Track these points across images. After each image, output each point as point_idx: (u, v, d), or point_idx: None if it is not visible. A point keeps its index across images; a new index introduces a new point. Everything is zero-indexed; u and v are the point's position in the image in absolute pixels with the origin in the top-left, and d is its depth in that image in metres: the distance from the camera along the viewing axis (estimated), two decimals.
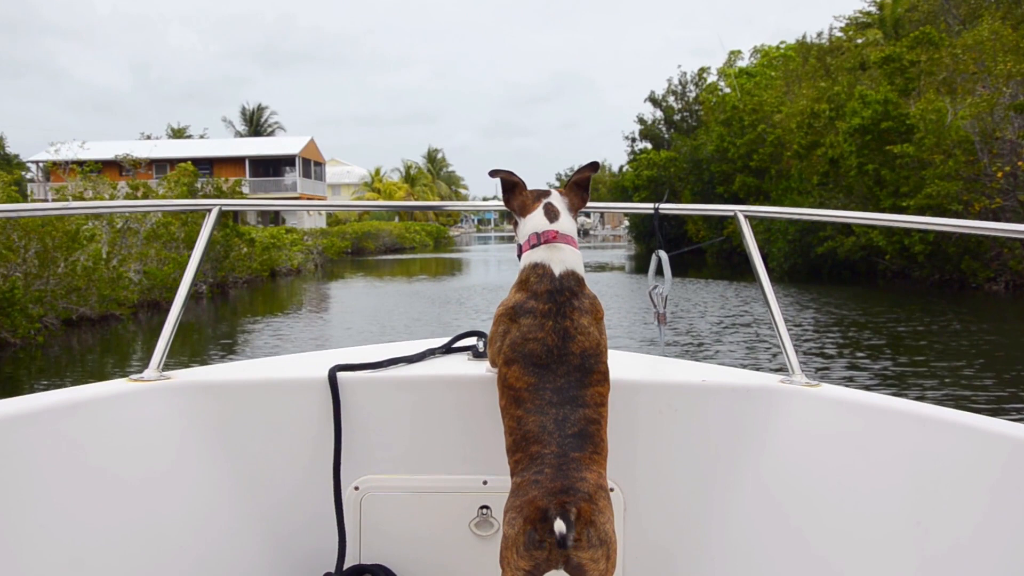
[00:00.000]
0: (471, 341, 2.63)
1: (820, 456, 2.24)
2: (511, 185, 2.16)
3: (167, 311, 2.44)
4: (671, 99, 52.29)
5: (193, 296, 24.75)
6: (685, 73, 53.15)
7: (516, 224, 2.18)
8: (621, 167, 58.06)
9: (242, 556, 2.31)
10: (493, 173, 2.18)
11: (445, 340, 2.67)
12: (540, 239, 2.05)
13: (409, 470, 2.37)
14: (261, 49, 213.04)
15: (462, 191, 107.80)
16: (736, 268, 36.35)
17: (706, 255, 42.40)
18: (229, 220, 25.75)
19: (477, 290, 27.72)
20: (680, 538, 2.36)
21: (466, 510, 2.34)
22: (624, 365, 2.42)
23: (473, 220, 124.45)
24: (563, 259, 2.02)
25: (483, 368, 2.37)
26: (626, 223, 61.98)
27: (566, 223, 2.10)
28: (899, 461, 2.08)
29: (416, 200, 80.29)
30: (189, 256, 2.49)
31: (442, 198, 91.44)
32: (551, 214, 2.10)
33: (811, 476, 2.23)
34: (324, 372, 2.32)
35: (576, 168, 2.24)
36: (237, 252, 27.40)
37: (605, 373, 1.95)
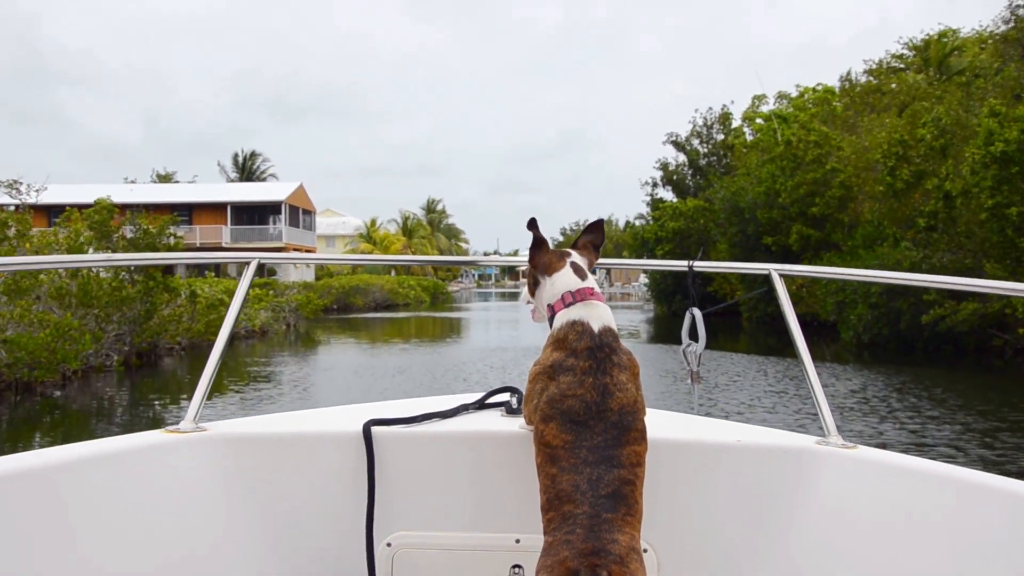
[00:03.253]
0: (504, 397, 2.62)
1: (857, 519, 2.17)
2: (539, 242, 2.18)
3: (42, 393, 1.29)
4: (695, 141, 46.62)
5: (99, 369, 17.56)
6: (711, 109, 47.15)
7: (535, 282, 2.22)
8: (627, 222, 52.33)
9: None
10: (530, 226, 2.16)
11: (479, 395, 2.67)
12: (575, 297, 2.08)
13: (442, 527, 2.35)
14: (270, 102, 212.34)
15: (462, 245, 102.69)
16: (781, 335, 30.48)
17: (742, 319, 36.63)
18: (156, 272, 19.75)
19: (489, 355, 21.92)
20: None
21: (498, 568, 2.32)
22: (659, 424, 2.35)
23: (473, 275, 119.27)
24: (600, 316, 2.04)
25: (516, 425, 2.36)
26: (643, 280, 55.93)
27: (592, 282, 2.14)
28: (939, 527, 2.02)
29: (415, 254, 77.65)
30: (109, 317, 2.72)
31: (441, 251, 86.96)
32: (580, 272, 2.14)
33: (848, 539, 2.16)
34: (358, 426, 2.32)
35: (583, 226, 2.36)
36: (172, 311, 21.42)
37: (642, 431, 1.93)
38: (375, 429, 2.33)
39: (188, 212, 58.51)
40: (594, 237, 2.27)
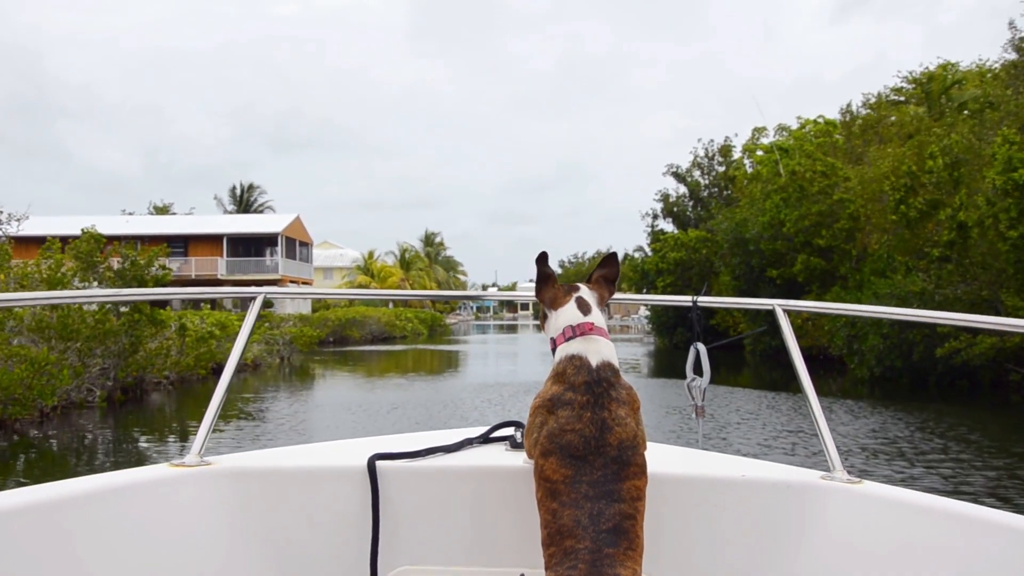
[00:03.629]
0: (509, 431, 2.62)
1: (862, 555, 2.15)
2: (545, 276, 2.20)
3: (18, 431, 1.44)
4: (696, 173, 46.09)
5: (80, 405, 16.92)
6: (712, 141, 46.48)
7: (545, 317, 2.23)
8: (626, 254, 51.54)
9: None
10: (538, 261, 2.21)
11: (483, 429, 2.66)
12: (575, 331, 2.08)
13: (446, 561, 2.33)
14: (270, 135, 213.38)
15: (460, 277, 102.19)
16: (784, 368, 29.79)
17: (746, 352, 35.88)
18: (143, 305, 19.03)
19: (487, 390, 21.17)
20: None
21: None
22: (662, 458, 2.37)
23: (471, 308, 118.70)
24: (599, 350, 2.04)
25: (520, 459, 2.36)
26: (644, 313, 55.24)
27: (597, 316, 2.13)
28: (945, 563, 2.00)
29: (412, 286, 77.50)
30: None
31: (439, 283, 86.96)
32: (583, 307, 2.13)
33: (853, 575, 2.13)
34: (363, 460, 2.31)
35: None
36: (159, 345, 20.66)
37: (643, 465, 1.93)
38: (379, 463, 2.32)
39: (184, 244, 58.07)
40: (608, 271, 2.27)
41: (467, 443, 2.55)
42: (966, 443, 13.48)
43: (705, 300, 2.66)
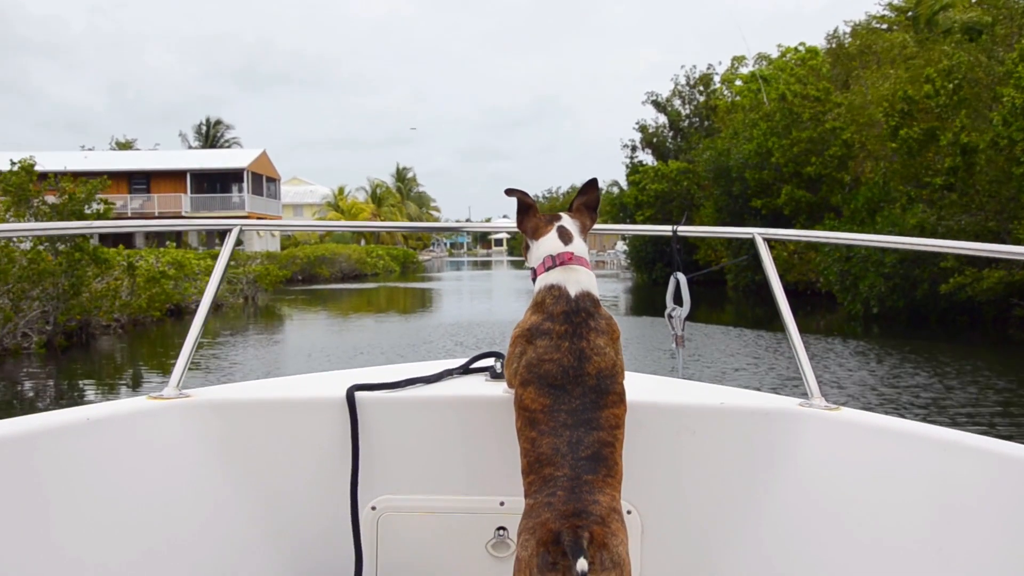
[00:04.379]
0: (489, 362, 2.60)
1: (839, 480, 2.20)
2: (526, 207, 2.18)
3: None
4: (676, 102, 44.29)
5: (14, 352, 15.56)
6: (695, 67, 44.53)
7: (527, 247, 2.21)
8: (608, 186, 50.00)
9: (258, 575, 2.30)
10: (510, 192, 2.20)
11: (463, 361, 2.65)
12: (555, 261, 2.07)
13: (426, 490, 2.36)
14: (240, 70, 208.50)
15: (433, 213, 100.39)
16: (768, 304, 28.70)
17: (728, 288, 34.76)
18: (84, 242, 17.40)
19: (461, 330, 19.83)
20: (698, 561, 2.34)
21: (483, 531, 2.33)
22: (643, 387, 2.42)
23: (445, 244, 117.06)
24: (579, 280, 2.03)
25: (500, 389, 2.35)
26: (621, 248, 53.86)
27: (579, 245, 2.12)
28: (920, 486, 2.04)
29: (384, 220, 75.72)
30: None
31: (411, 219, 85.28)
32: (565, 236, 2.12)
33: (830, 500, 2.20)
34: (342, 392, 2.31)
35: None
36: (106, 285, 19.09)
37: (621, 394, 1.94)
38: (359, 394, 2.31)
39: (146, 180, 56.16)
40: (588, 198, 2.25)
41: (447, 374, 2.54)
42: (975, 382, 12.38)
43: (685, 229, 2.67)
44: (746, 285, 32.41)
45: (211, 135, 72.55)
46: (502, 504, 2.30)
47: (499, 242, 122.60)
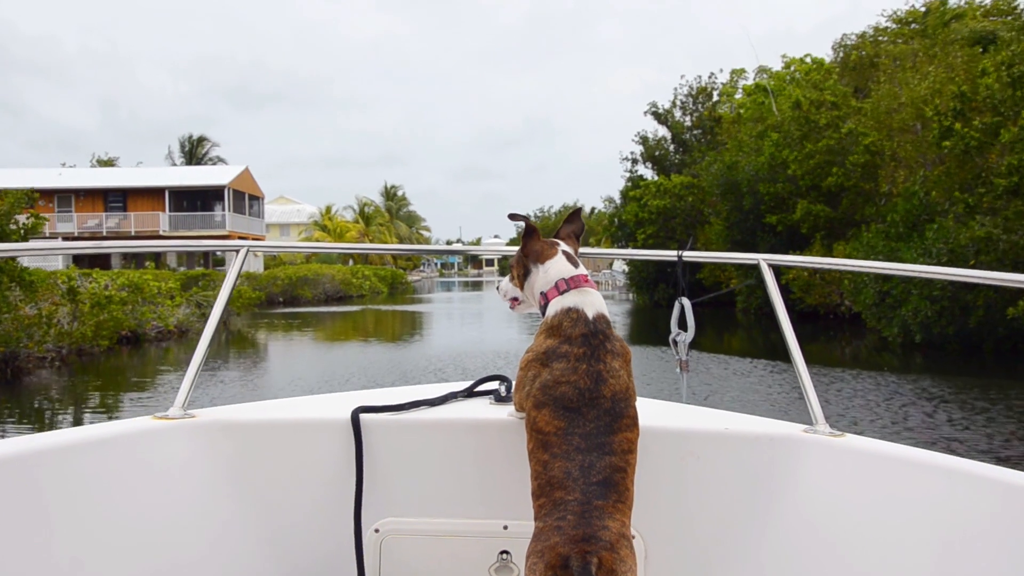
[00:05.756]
0: (493, 385, 2.61)
1: (843, 507, 2.18)
2: (531, 230, 2.17)
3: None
4: (678, 113, 41.93)
5: None
6: (699, 77, 42.22)
7: (526, 271, 2.19)
8: (593, 208, 47.61)
9: None
10: (513, 217, 2.26)
11: (467, 384, 2.66)
12: (569, 284, 2.07)
13: (430, 513, 2.35)
14: (231, 90, 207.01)
15: (424, 233, 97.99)
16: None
17: (737, 310, 32.34)
18: (11, 263, 14.85)
19: (455, 360, 17.30)
20: None
21: (486, 554, 2.33)
22: (646, 412, 2.29)
23: (435, 264, 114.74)
24: (594, 303, 2.04)
25: (505, 412, 2.35)
26: (620, 268, 51.37)
27: (583, 269, 2.14)
28: (925, 514, 2.02)
29: (373, 242, 73.50)
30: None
31: (400, 239, 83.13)
32: (572, 260, 2.14)
33: (834, 527, 2.17)
34: (347, 413, 2.32)
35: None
36: (39, 312, 16.51)
37: (634, 418, 1.93)
38: (364, 416, 2.32)
39: (123, 198, 53.72)
40: (575, 227, 2.29)
41: (451, 397, 2.54)
42: None
43: (691, 254, 2.64)
44: (757, 308, 29.99)
45: (195, 153, 70.29)
46: (506, 528, 2.29)
47: (490, 262, 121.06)
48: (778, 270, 2.55)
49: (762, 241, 28.59)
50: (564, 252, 2.13)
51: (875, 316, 20.07)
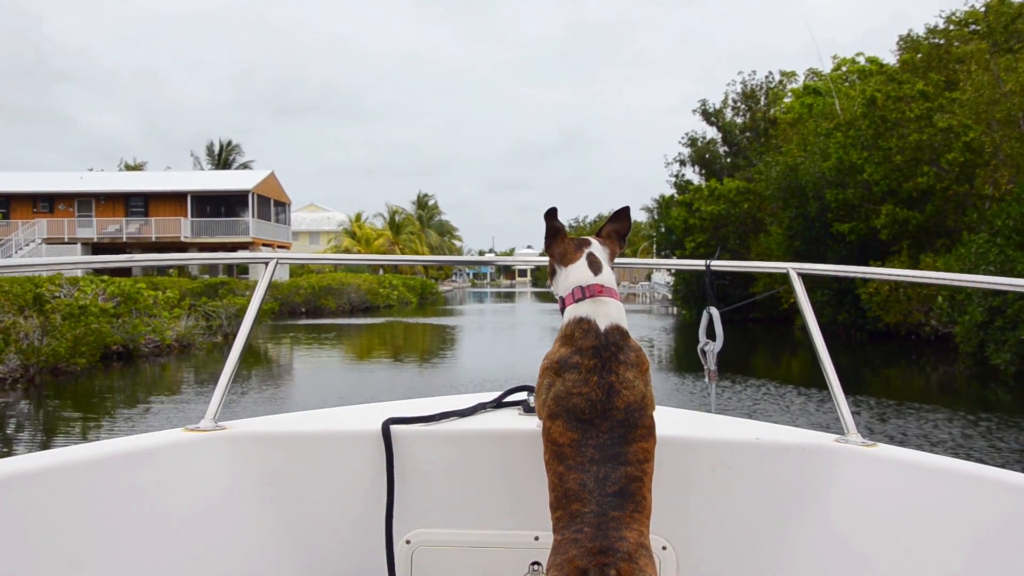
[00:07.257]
0: (522, 396, 2.59)
1: (875, 516, 2.15)
2: (554, 231, 2.13)
3: None
4: (729, 113, 38.87)
5: None
6: (755, 73, 39.19)
7: (552, 271, 2.17)
8: (640, 209, 44.62)
9: None
10: (549, 215, 2.14)
11: (496, 394, 2.64)
12: (585, 293, 2.03)
13: (461, 524, 2.33)
14: (271, 101, 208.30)
15: (455, 242, 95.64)
16: (856, 348, 23.24)
17: (795, 328, 29.28)
18: None
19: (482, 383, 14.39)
20: None
21: (517, 566, 2.30)
22: (677, 422, 2.40)
23: (468, 274, 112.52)
24: (608, 313, 1.99)
25: (534, 423, 2.31)
26: (663, 279, 48.35)
27: (608, 275, 2.08)
28: (959, 524, 1.99)
29: (403, 251, 71.37)
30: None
31: (431, 248, 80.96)
32: (594, 266, 2.08)
33: (867, 537, 2.14)
34: (377, 425, 2.31)
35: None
36: (2, 325, 13.98)
37: (651, 427, 1.89)
38: (394, 427, 2.30)
39: (144, 203, 51.64)
40: (619, 225, 2.21)
41: (480, 407, 2.52)
42: None
43: (719, 264, 2.65)
44: (822, 326, 26.91)
45: (224, 158, 68.50)
46: (536, 539, 2.27)
47: (523, 272, 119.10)
48: (808, 279, 2.52)
49: (830, 251, 25.51)
50: (589, 255, 2.07)
51: (977, 339, 16.99)
